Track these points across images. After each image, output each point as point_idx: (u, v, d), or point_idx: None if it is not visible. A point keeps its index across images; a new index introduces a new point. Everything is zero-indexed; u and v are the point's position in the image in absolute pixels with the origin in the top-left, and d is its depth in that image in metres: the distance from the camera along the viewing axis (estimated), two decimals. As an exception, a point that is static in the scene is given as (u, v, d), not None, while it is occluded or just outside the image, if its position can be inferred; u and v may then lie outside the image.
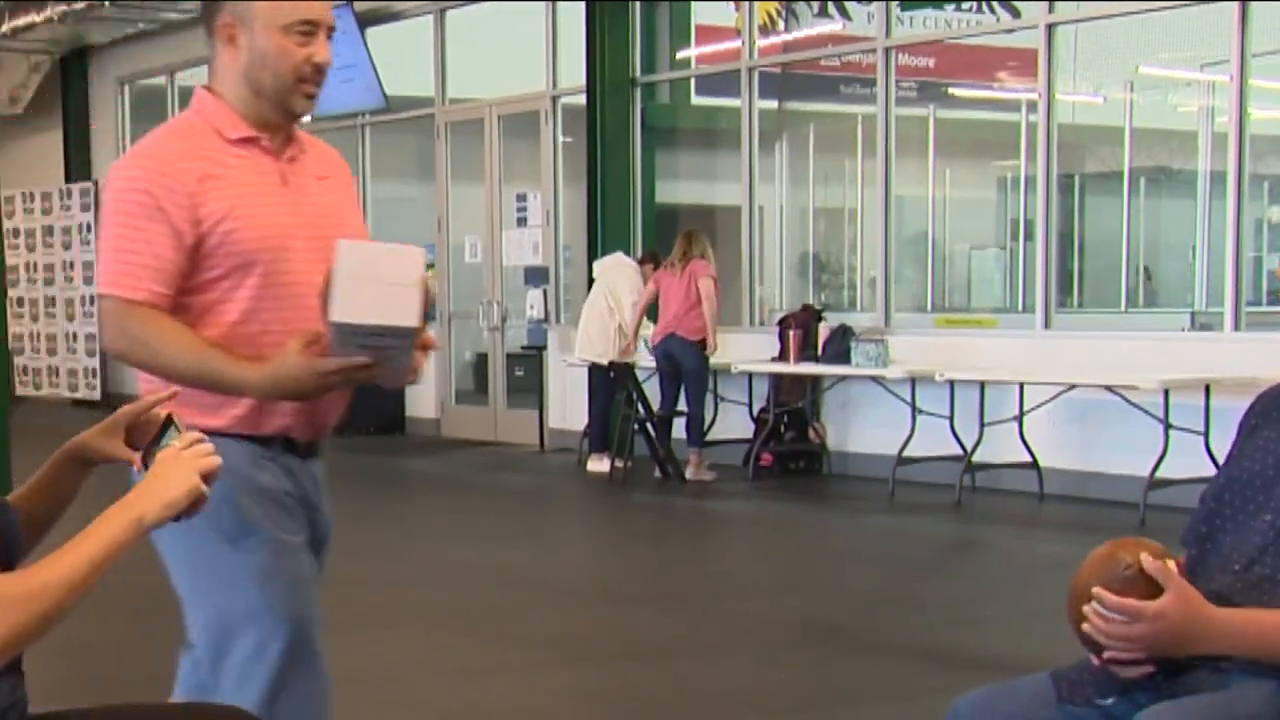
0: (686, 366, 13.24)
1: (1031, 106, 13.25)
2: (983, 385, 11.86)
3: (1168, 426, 10.80)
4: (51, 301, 22.29)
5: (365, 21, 17.73)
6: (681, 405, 13.48)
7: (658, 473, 13.38)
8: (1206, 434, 10.61)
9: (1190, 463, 10.38)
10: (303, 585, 3.65)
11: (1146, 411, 10.89)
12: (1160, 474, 10.65)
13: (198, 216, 3.53)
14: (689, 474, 13.19)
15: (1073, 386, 11.50)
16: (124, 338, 3.56)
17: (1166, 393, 10.79)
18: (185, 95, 21.48)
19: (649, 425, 13.32)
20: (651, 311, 13.62)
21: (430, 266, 20.35)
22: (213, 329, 3.56)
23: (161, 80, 21.92)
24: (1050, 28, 12.35)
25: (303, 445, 3.73)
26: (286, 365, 3.46)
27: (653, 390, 13.54)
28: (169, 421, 2.89)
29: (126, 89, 22.79)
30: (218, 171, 3.57)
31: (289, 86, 3.60)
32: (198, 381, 3.51)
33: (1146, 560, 2.91)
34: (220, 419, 3.58)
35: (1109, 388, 11.09)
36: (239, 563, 3.58)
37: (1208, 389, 10.69)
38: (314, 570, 3.74)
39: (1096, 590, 2.90)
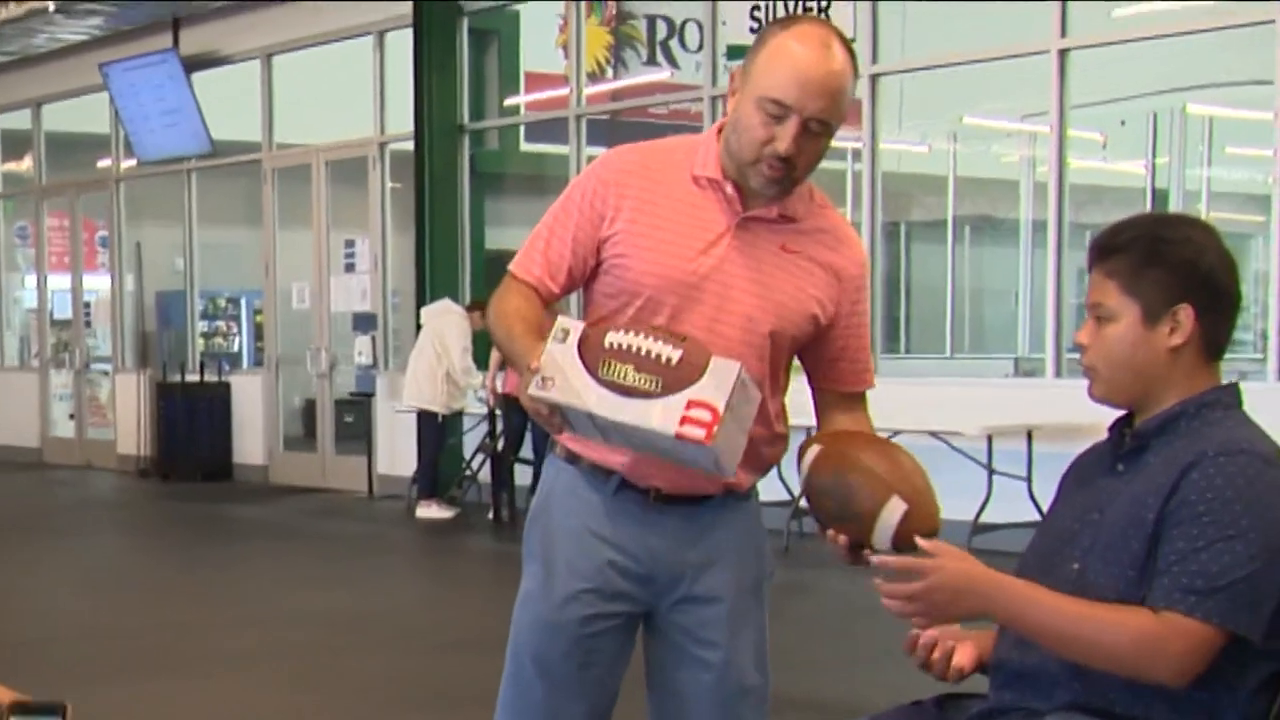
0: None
1: (856, 155, 13.41)
2: (809, 430, 11.92)
3: (991, 472, 10.95)
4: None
5: (191, 66, 17.56)
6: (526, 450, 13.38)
7: (492, 515, 13.37)
8: (1029, 479, 10.76)
9: (1013, 507, 10.52)
10: (546, 630, 3.66)
11: (970, 457, 11.02)
12: (984, 519, 10.78)
13: (600, 233, 3.48)
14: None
15: (898, 433, 11.60)
16: (490, 305, 3.62)
17: (990, 439, 10.94)
18: (51, 133, 20.85)
19: (490, 462, 13.37)
20: (482, 357, 13.63)
21: (258, 314, 19.68)
22: None
23: (26, 115, 21.18)
24: (874, 78, 12.51)
25: (652, 493, 3.52)
26: (535, 352, 3.25)
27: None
28: None
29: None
30: (651, 197, 3.47)
31: (747, 160, 3.38)
32: (502, 345, 3.51)
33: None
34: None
35: (934, 433, 11.21)
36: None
37: (1029, 435, 10.86)
38: (578, 625, 3.60)
39: (879, 559, 2.97)
